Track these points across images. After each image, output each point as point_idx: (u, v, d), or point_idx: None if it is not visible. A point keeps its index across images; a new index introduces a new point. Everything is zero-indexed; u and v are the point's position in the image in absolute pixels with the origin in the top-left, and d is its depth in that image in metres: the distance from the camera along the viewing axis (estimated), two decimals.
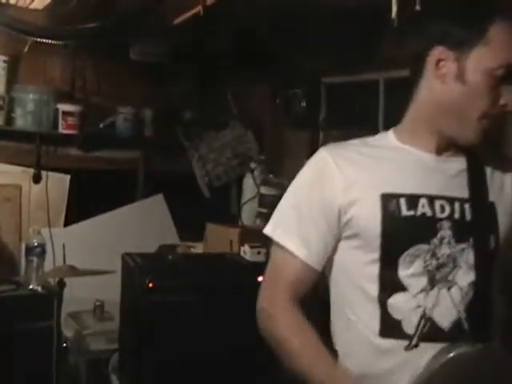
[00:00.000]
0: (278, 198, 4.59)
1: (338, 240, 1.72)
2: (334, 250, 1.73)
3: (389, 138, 1.79)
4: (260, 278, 3.41)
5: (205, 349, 3.30)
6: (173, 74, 5.33)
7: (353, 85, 4.78)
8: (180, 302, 3.24)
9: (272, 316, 1.74)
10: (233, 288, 3.35)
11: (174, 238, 5.39)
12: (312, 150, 1.82)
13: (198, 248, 4.81)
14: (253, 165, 4.91)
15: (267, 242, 3.67)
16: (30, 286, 3.23)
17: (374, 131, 1.89)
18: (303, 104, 5.06)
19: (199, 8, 3.96)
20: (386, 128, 1.83)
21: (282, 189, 4.61)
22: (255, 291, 3.35)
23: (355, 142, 1.82)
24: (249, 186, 4.84)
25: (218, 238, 4.44)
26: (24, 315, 3.17)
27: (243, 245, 3.71)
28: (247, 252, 3.57)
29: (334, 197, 1.69)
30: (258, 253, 3.53)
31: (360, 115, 4.57)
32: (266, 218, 4.59)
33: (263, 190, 4.69)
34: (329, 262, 1.75)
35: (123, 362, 3.56)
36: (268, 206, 4.58)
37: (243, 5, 3.79)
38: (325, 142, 4.98)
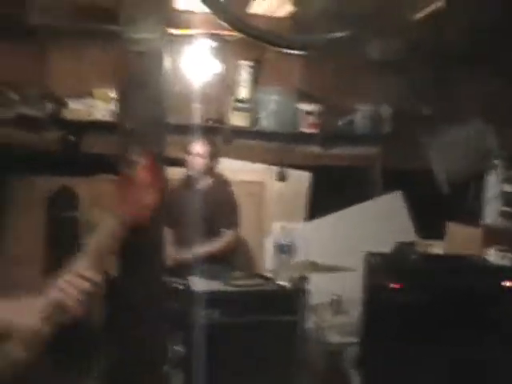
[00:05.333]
0: None
1: None
2: None
3: None
4: (506, 283, 3.29)
5: (448, 348, 3.26)
6: (410, 70, 5.25)
7: None
8: (421, 303, 3.21)
9: None
10: (475, 291, 3.26)
11: (411, 235, 5.34)
12: None
13: (437, 246, 4.72)
14: (495, 161, 4.69)
15: None
16: (278, 282, 3.41)
17: None
18: None
19: (442, 1, 3.87)
20: None
21: None
22: (498, 296, 3.24)
23: None
24: (492, 184, 4.64)
25: (459, 238, 4.33)
26: (270, 309, 3.32)
27: (486, 246, 3.57)
28: (492, 255, 3.43)
29: None
30: (503, 257, 3.38)
31: None
32: (510, 217, 4.38)
33: (507, 187, 4.47)
34: None
35: (364, 358, 3.62)
36: None
37: None
38: None
